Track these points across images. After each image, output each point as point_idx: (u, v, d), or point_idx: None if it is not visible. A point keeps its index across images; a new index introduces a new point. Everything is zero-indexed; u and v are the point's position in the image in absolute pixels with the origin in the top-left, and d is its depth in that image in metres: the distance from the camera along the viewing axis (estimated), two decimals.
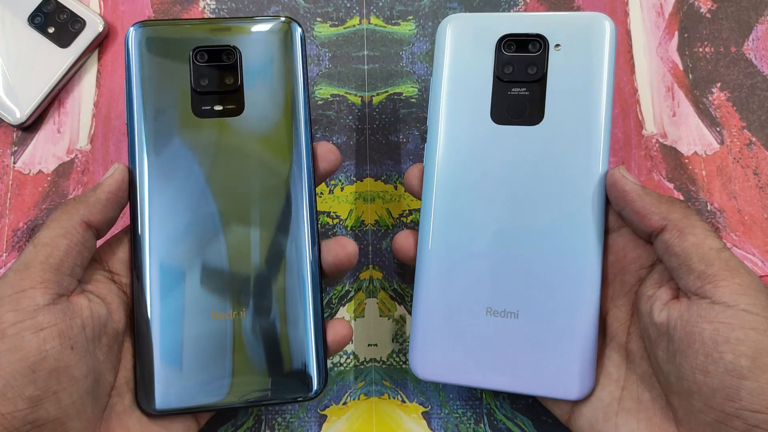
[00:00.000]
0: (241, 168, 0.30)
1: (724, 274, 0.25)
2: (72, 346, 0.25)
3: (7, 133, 0.41)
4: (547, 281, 0.30)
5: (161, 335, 0.29)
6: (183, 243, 0.29)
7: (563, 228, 0.30)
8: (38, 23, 0.41)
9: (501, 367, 0.30)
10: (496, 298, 0.30)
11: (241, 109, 0.30)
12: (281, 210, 0.30)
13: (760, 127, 0.39)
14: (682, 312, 0.26)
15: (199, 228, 0.29)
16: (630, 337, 0.30)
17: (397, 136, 0.40)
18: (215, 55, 0.30)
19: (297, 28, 0.31)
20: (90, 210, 0.28)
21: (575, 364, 0.29)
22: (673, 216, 0.27)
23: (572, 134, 0.30)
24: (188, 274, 0.29)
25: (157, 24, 0.31)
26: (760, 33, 0.41)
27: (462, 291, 0.30)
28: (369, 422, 0.36)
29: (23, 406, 0.24)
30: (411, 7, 0.42)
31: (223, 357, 0.29)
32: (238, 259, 0.29)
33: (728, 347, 0.24)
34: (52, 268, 0.26)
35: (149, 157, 0.30)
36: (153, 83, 0.30)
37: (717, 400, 0.24)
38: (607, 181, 0.29)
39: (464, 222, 0.30)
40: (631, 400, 0.28)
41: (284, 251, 0.30)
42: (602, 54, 0.30)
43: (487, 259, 0.30)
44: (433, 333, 0.30)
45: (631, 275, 0.30)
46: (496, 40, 0.31)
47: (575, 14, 0.32)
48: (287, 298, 0.29)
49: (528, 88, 0.31)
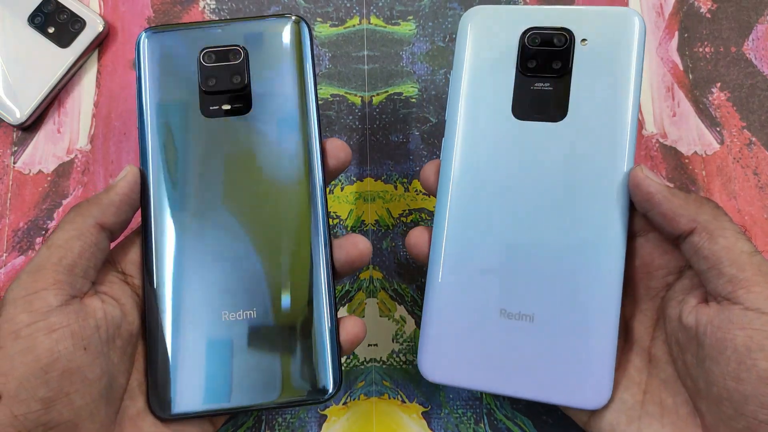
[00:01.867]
0: (251, 167, 0.30)
1: (757, 279, 0.25)
2: (85, 347, 0.25)
3: (7, 133, 0.41)
4: (566, 284, 0.28)
5: (173, 338, 0.29)
6: (194, 243, 0.29)
7: (584, 229, 0.29)
8: (38, 23, 0.41)
9: (514, 372, 0.29)
10: (511, 300, 0.29)
11: (249, 107, 0.30)
12: (292, 209, 0.30)
13: (760, 127, 0.39)
14: (711, 317, 0.25)
15: (209, 228, 0.29)
16: (654, 342, 0.29)
17: (397, 136, 0.40)
18: (222, 56, 0.30)
19: (304, 25, 0.31)
20: (103, 212, 0.28)
21: (593, 373, 0.28)
22: (703, 218, 0.26)
23: (596, 132, 0.29)
24: (200, 275, 0.29)
25: (167, 28, 0.31)
26: (760, 33, 0.41)
27: (475, 291, 0.29)
28: (369, 422, 0.36)
29: (36, 408, 0.24)
30: (411, 7, 0.42)
31: (235, 359, 0.29)
32: (249, 259, 0.29)
33: (762, 355, 0.24)
34: (65, 270, 0.26)
35: (160, 159, 0.30)
36: (163, 86, 0.30)
37: (750, 407, 0.24)
38: (629, 182, 0.28)
39: (480, 219, 0.30)
40: (654, 404, 0.28)
41: (296, 251, 0.29)
42: (631, 51, 0.29)
43: (503, 259, 0.29)
44: (443, 332, 0.29)
45: (657, 281, 0.29)
46: (520, 33, 0.30)
47: (604, 8, 0.30)
48: (300, 299, 0.29)
49: (552, 83, 0.30)
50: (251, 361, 0.29)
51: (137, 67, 0.31)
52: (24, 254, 0.39)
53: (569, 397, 0.28)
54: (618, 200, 0.28)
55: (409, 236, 0.31)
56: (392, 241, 0.39)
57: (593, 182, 0.29)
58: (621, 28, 0.29)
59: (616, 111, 0.29)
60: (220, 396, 0.28)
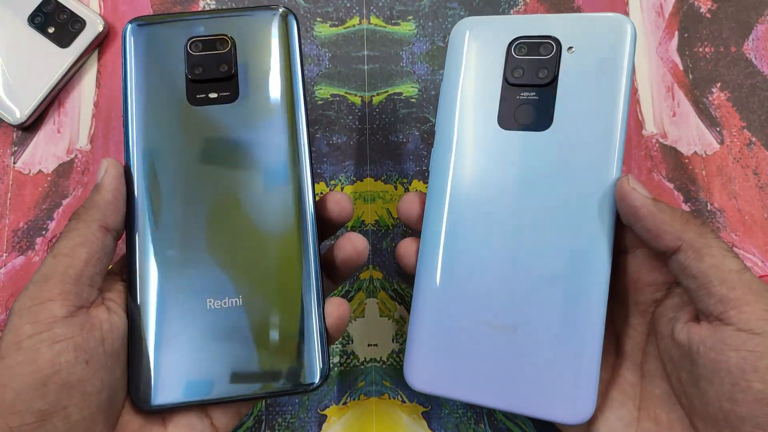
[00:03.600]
0: (238, 154, 0.30)
1: (747, 298, 0.24)
2: (87, 360, 0.25)
3: (7, 133, 0.41)
4: (549, 295, 0.28)
5: (156, 326, 0.28)
6: (179, 231, 0.29)
7: (568, 240, 0.28)
8: (38, 23, 0.41)
9: (497, 383, 0.28)
10: (494, 311, 0.29)
11: (236, 95, 0.30)
12: (279, 196, 0.30)
13: (760, 127, 0.39)
14: (704, 337, 0.25)
15: (194, 216, 0.29)
16: (646, 357, 0.29)
17: (397, 136, 0.40)
18: (209, 44, 0.30)
19: (290, 17, 0.31)
20: (104, 213, 0.28)
21: (577, 387, 0.27)
22: (688, 236, 0.26)
23: (582, 142, 0.28)
24: (186, 262, 0.29)
25: (153, 19, 0.31)
26: (760, 33, 0.41)
27: (460, 301, 0.29)
28: (369, 422, 0.36)
29: (30, 420, 0.23)
30: (411, 7, 0.42)
31: (220, 348, 0.28)
32: (235, 246, 0.29)
33: (757, 376, 0.23)
34: (71, 280, 0.26)
35: (145, 148, 0.30)
36: (148, 76, 0.30)
37: (746, 428, 0.24)
38: (615, 193, 0.28)
39: (465, 231, 0.29)
40: (649, 421, 0.28)
41: (282, 238, 0.29)
42: (619, 57, 0.28)
43: (487, 270, 0.29)
44: (428, 342, 0.29)
45: (646, 296, 0.29)
46: (508, 43, 0.30)
47: (593, 15, 0.30)
48: (286, 287, 0.29)
49: (537, 92, 0.30)
50: (236, 349, 0.28)
51: (123, 57, 0.30)
52: (24, 254, 0.39)
53: (552, 411, 0.28)
54: (604, 212, 0.28)
55: (398, 247, 0.31)
56: (392, 241, 0.39)
57: (579, 193, 0.28)
58: (609, 35, 0.29)
59: (604, 119, 0.28)
60: (205, 386, 0.28)
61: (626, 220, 0.28)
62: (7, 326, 0.25)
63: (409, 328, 0.30)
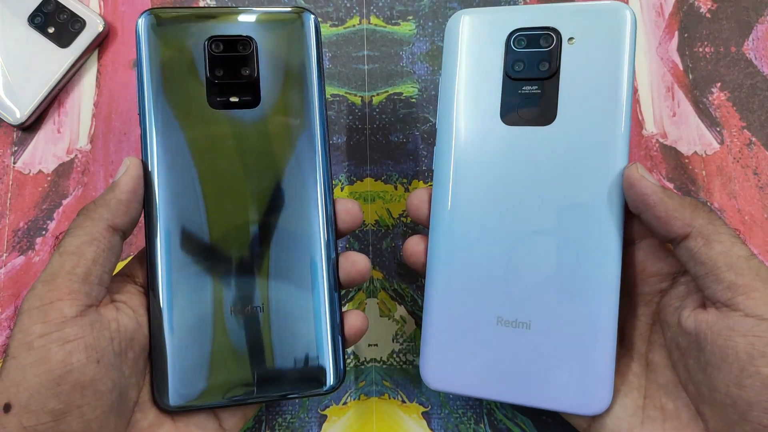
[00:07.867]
0: (257, 162, 0.29)
1: (755, 284, 0.24)
2: (98, 359, 0.25)
3: (7, 133, 0.41)
4: (562, 290, 0.28)
5: (177, 331, 0.28)
6: (198, 238, 0.29)
7: (578, 235, 0.28)
8: (38, 23, 0.41)
9: (513, 379, 0.28)
10: (507, 308, 0.29)
11: (257, 101, 0.30)
12: (299, 204, 0.30)
13: (760, 127, 0.39)
14: (711, 324, 0.25)
15: (214, 222, 0.29)
16: (651, 347, 0.29)
17: (397, 136, 0.40)
18: (231, 45, 0.29)
19: (312, 18, 0.30)
20: (113, 213, 0.27)
21: (593, 378, 0.28)
22: (698, 222, 0.26)
23: (588, 135, 0.28)
24: (204, 269, 0.29)
25: (168, 11, 0.30)
26: (760, 33, 0.41)
27: (472, 299, 0.29)
28: (369, 422, 0.36)
29: (46, 420, 0.23)
30: (411, 7, 0.42)
31: (241, 352, 0.29)
32: (254, 253, 0.29)
33: (764, 361, 0.24)
34: (79, 279, 0.25)
35: (164, 150, 0.29)
36: (166, 73, 0.29)
37: (754, 413, 0.24)
38: (624, 182, 0.27)
39: (474, 228, 0.29)
40: (655, 409, 0.28)
41: (303, 245, 0.29)
42: (621, 46, 0.28)
43: (498, 267, 0.29)
44: (443, 342, 0.29)
45: (651, 287, 0.29)
46: (506, 35, 0.29)
47: (592, 4, 0.29)
48: (304, 293, 0.29)
49: (539, 85, 0.29)
50: (258, 353, 0.29)
51: (137, 51, 0.29)
52: (24, 254, 0.39)
53: (569, 403, 0.28)
54: (613, 204, 0.28)
55: (405, 246, 0.31)
56: (392, 242, 0.39)
57: (587, 187, 0.28)
58: (610, 24, 0.28)
59: (608, 110, 0.28)
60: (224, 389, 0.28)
61: (635, 207, 0.27)
62: (16, 326, 0.25)
63: (423, 328, 0.30)
